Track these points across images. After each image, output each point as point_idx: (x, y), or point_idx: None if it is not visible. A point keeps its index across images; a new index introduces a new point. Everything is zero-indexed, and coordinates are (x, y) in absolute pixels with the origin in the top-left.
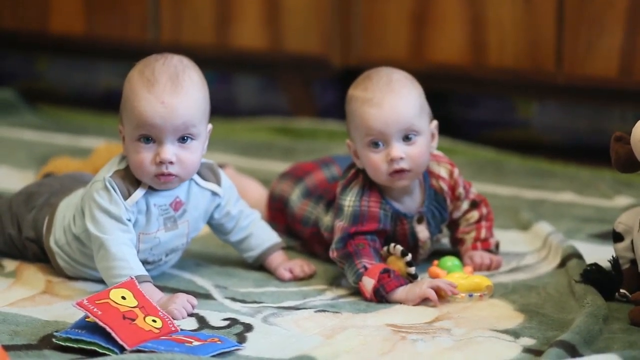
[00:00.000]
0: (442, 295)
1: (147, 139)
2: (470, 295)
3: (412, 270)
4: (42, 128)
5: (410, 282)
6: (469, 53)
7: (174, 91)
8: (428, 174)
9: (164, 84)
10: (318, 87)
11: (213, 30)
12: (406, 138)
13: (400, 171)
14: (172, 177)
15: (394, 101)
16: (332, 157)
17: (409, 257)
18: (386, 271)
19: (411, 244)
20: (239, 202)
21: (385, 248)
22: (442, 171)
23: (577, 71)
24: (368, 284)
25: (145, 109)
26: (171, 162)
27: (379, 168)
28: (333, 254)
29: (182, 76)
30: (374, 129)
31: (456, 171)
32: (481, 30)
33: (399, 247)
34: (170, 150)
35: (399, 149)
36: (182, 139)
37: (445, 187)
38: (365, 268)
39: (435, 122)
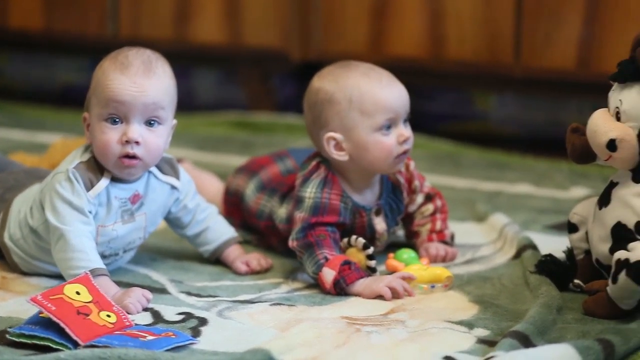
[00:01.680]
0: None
1: (115, 120)
2: (433, 286)
3: (373, 263)
4: None
5: (369, 275)
6: (428, 46)
7: (147, 74)
8: None
9: (137, 67)
10: (277, 81)
11: (172, 25)
12: (405, 121)
13: (406, 152)
14: (136, 160)
15: (399, 84)
16: (288, 151)
17: (371, 250)
18: (347, 263)
19: (369, 236)
20: (196, 196)
21: (345, 240)
22: None
23: (534, 63)
24: (328, 275)
25: (117, 87)
26: (137, 142)
27: (391, 150)
28: (293, 243)
29: (155, 63)
30: (390, 109)
31: (412, 164)
32: (440, 23)
33: (361, 240)
34: (137, 130)
35: (408, 128)
36: (149, 123)
37: (402, 180)
38: (326, 259)
39: None
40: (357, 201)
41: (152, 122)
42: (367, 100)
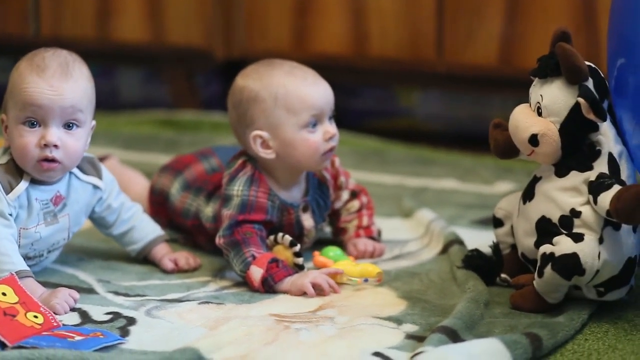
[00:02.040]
0: (338, 281)
1: (32, 123)
2: (366, 280)
3: (300, 260)
4: None
5: (297, 272)
6: (351, 43)
7: (64, 77)
8: None
9: (54, 69)
10: (201, 79)
11: (94, 23)
12: (330, 118)
13: (332, 149)
14: (55, 164)
15: (322, 80)
16: (212, 149)
17: (298, 247)
18: (274, 261)
19: (297, 233)
20: (120, 195)
21: (272, 237)
22: None
23: (457, 60)
24: (256, 273)
25: (33, 90)
26: (56, 146)
27: (318, 148)
28: (219, 240)
29: (72, 65)
30: (316, 106)
31: (337, 160)
32: (362, 20)
33: (288, 237)
34: (55, 134)
35: (333, 125)
36: (68, 126)
37: (328, 176)
38: (254, 257)
39: None
40: (285, 199)
41: (71, 125)
42: (293, 98)
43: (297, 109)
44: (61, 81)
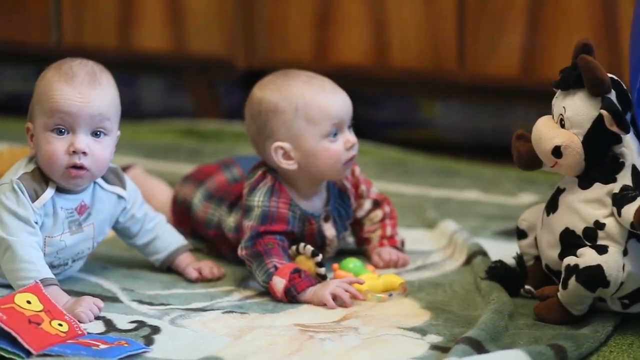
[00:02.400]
0: (355, 299)
1: (61, 130)
2: (390, 295)
3: (322, 270)
4: None
5: (320, 282)
6: (372, 54)
7: (92, 85)
8: None
9: (82, 78)
10: (223, 88)
11: (116, 33)
12: (349, 127)
13: (352, 158)
14: (83, 171)
15: (340, 90)
16: (233, 158)
17: (320, 257)
18: (297, 271)
19: (319, 243)
20: (143, 205)
21: (294, 247)
22: None
23: (479, 70)
24: (279, 283)
25: (62, 97)
26: (84, 153)
27: (340, 157)
28: (242, 252)
29: (99, 74)
30: (336, 115)
31: (357, 169)
32: (384, 31)
33: (309, 247)
34: (84, 141)
35: (352, 134)
36: (96, 134)
37: (348, 185)
38: (276, 267)
39: None
40: (305, 209)
41: (99, 132)
42: (313, 108)
43: (317, 118)
44: (89, 89)
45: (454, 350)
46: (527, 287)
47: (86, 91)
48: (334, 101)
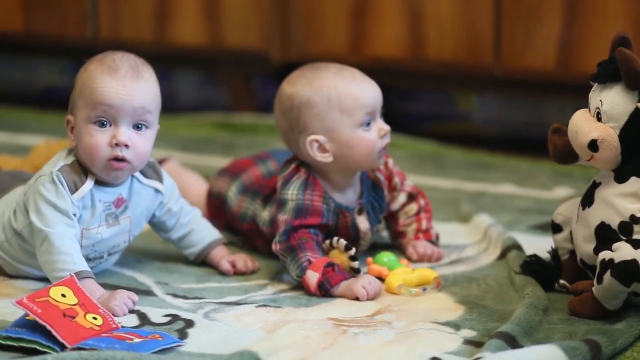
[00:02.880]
0: (390, 292)
1: (103, 122)
2: (425, 289)
3: (356, 264)
4: None
5: (353, 276)
6: (408, 47)
7: (135, 78)
8: None
9: (126, 70)
10: (258, 82)
11: (152, 26)
12: (380, 115)
13: (386, 146)
14: (125, 164)
15: (369, 79)
16: (268, 152)
17: (353, 251)
18: (330, 265)
19: (352, 236)
20: (179, 199)
21: (327, 241)
22: None
23: (515, 64)
24: (312, 277)
25: (105, 90)
26: (126, 146)
27: (374, 145)
28: (276, 246)
29: (141, 67)
30: (369, 104)
31: (390, 161)
32: (420, 23)
33: (343, 241)
34: (126, 133)
35: (383, 123)
36: (137, 127)
37: (381, 177)
38: (309, 261)
39: None
40: (340, 202)
41: (140, 125)
42: (346, 98)
43: (351, 108)
44: (133, 82)
45: (487, 345)
46: (561, 281)
47: (129, 84)
48: (366, 90)
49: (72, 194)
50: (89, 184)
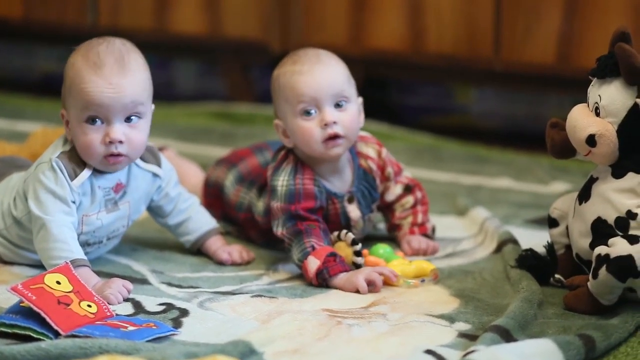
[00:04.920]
0: (387, 283)
1: (94, 120)
2: (423, 281)
3: (359, 260)
4: None
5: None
6: (408, 39)
7: (121, 72)
8: (357, 154)
9: (111, 66)
10: (257, 72)
11: (152, 15)
12: (337, 105)
13: (335, 137)
14: (122, 157)
15: (324, 68)
16: (267, 143)
17: (359, 247)
18: (333, 255)
19: (344, 224)
20: (178, 185)
21: (335, 233)
22: (370, 151)
23: (514, 57)
24: (313, 264)
25: (93, 90)
26: (121, 142)
27: (313, 135)
28: (281, 231)
29: (127, 58)
30: (306, 95)
31: (384, 151)
32: (420, 16)
33: (351, 235)
34: (119, 130)
35: (331, 113)
36: (129, 119)
37: (374, 166)
38: (313, 248)
39: (361, 99)
40: (329, 188)
41: (133, 118)
42: (286, 88)
43: (289, 97)
44: (120, 77)
45: (482, 338)
46: (557, 276)
47: (117, 81)
48: (304, 81)
49: (71, 180)
50: (87, 171)
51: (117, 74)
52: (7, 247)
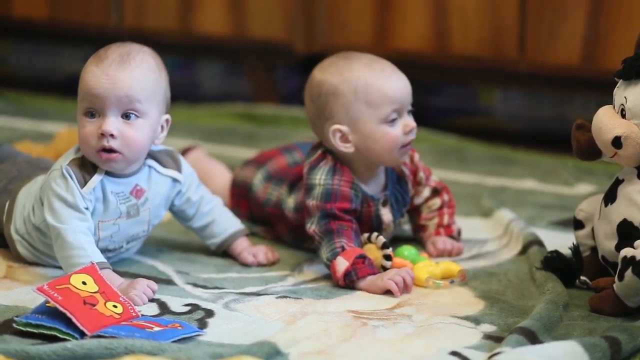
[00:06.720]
0: (424, 285)
1: (92, 113)
2: (452, 282)
3: (388, 264)
4: (4, 112)
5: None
6: (432, 40)
7: (120, 65)
8: None
9: (113, 59)
10: (281, 73)
11: (176, 16)
12: (409, 111)
13: (410, 143)
14: (115, 154)
15: (401, 75)
16: (295, 144)
17: (389, 250)
18: (362, 257)
19: (375, 227)
20: (199, 188)
21: (365, 235)
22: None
23: (539, 59)
24: (341, 264)
25: (91, 80)
26: (112, 135)
27: (397, 142)
28: (313, 229)
29: (133, 55)
30: (396, 100)
31: (417, 156)
32: (444, 17)
33: (382, 238)
34: (112, 124)
35: (411, 118)
36: (127, 116)
37: (407, 171)
38: (343, 248)
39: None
40: (365, 190)
41: (129, 115)
42: (373, 92)
43: (377, 102)
44: (117, 70)
45: (507, 340)
46: (582, 278)
47: (113, 72)
48: (394, 85)
49: (82, 187)
50: (97, 176)
51: (115, 66)
52: (30, 251)
